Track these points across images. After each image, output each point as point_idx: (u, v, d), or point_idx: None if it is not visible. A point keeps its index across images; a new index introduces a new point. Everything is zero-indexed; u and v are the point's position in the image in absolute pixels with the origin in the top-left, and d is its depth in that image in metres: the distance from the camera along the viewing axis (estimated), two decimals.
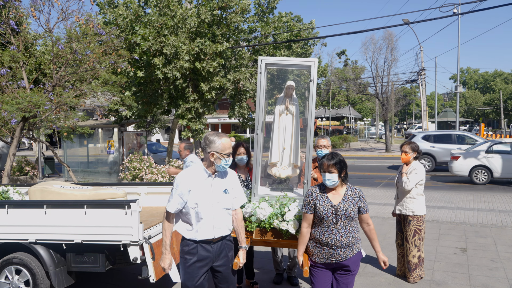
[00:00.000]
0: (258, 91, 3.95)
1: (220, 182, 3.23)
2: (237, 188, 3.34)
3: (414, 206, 5.02)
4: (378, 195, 11.46)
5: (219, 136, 3.13)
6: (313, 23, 14.64)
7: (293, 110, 4.15)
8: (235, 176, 3.36)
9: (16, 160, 14.97)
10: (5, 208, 4.26)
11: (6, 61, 8.29)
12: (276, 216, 3.74)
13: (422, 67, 27.06)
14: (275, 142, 4.18)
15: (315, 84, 3.83)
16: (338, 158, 3.24)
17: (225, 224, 3.24)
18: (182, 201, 3.13)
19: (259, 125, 3.88)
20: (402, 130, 50.45)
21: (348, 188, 3.32)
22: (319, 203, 3.27)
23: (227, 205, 3.24)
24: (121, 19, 11.68)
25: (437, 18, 11.32)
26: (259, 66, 3.87)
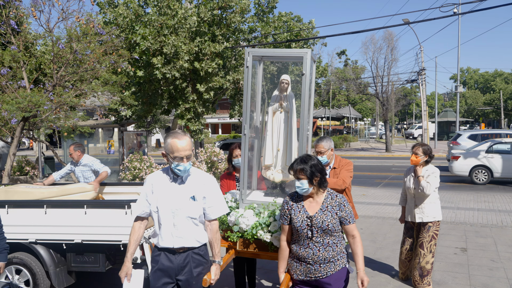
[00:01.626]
0: (245, 86, 3.63)
1: (187, 188, 2.90)
2: (213, 196, 2.95)
3: (435, 211, 4.72)
4: (378, 195, 11.46)
5: (172, 136, 2.81)
6: (312, 22, 14.65)
7: (287, 107, 3.75)
8: (211, 183, 2.97)
9: (16, 160, 14.96)
10: (5, 208, 4.26)
11: (7, 61, 8.29)
12: (260, 226, 3.40)
13: (422, 67, 27.05)
14: (268, 143, 3.83)
15: (310, 79, 3.48)
16: (310, 163, 2.85)
17: (190, 234, 2.89)
18: (147, 203, 2.92)
19: (246, 124, 3.56)
20: (402, 130, 50.42)
21: (328, 195, 2.93)
22: (294, 213, 2.92)
23: (193, 213, 2.88)
24: (121, 18, 11.68)
25: (437, 18, 11.32)
26: (245, 59, 3.53)
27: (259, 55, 3.73)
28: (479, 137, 17.81)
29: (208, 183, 2.97)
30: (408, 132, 46.20)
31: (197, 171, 3.01)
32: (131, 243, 2.93)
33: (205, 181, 2.96)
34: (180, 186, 2.90)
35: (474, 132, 18.73)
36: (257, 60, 3.87)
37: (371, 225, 8.00)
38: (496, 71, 75.02)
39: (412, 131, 45.44)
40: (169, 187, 2.90)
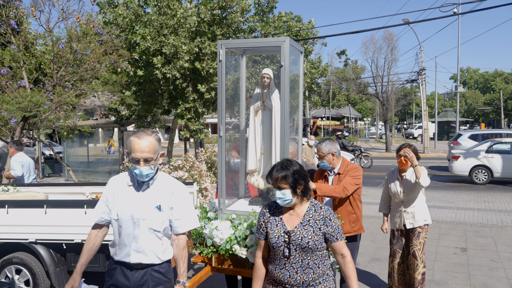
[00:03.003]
0: (219, 83, 3.23)
1: (152, 196, 2.55)
2: (181, 207, 2.59)
3: (425, 214, 4.36)
4: (378, 195, 11.45)
5: (134, 135, 2.49)
6: (312, 22, 14.64)
7: (271, 104, 3.34)
8: (181, 192, 2.62)
9: None
10: (5, 208, 4.26)
11: (7, 61, 8.29)
12: (236, 240, 3.03)
13: (422, 67, 27.05)
14: (251, 146, 3.44)
15: (298, 73, 3.10)
16: (292, 169, 2.42)
17: (150, 249, 2.53)
18: (108, 209, 2.59)
19: (222, 125, 3.20)
20: (402, 130, 50.44)
21: (311, 206, 2.48)
22: (271, 226, 2.49)
23: (157, 225, 2.52)
24: (121, 18, 11.68)
25: (437, 18, 11.34)
26: (218, 53, 3.15)
27: (234, 47, 3.38)
28: (480, 137, 17.83)
29: (177, 192, 2.60)
30: (408, 132, 46.21)
31: (166, 178, 2.65)
32: (84, 253, 2.58)
33: (174, 190, 2.60)
34: (144, 193, 2.55)
35: (475, 132, 18.78)
36: (240, 53, 3.55)
37: (371, 225, 8.00)
38: (496, 71, 75.01)
39: (412, 131, 45.45)
40: (132, 193, 2.56)
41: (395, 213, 4.46)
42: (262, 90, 3.40)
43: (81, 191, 5.62)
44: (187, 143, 15.99)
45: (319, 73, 16.45)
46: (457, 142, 18.24)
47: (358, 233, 3.94)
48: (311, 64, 15.92)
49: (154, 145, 2.49)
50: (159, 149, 2.54)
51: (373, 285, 5.05)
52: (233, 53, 3.63)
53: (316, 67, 16.23)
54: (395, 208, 4.47)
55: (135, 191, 2.56)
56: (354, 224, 3.87)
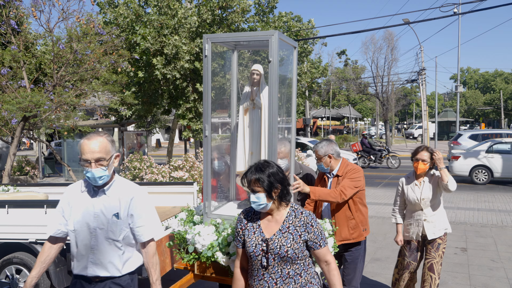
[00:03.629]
0: (204, 80, 3.02)
1: (110, 203, 2.39)
2: (142, 214, 2.44)
3: (446, 221, 4.03)
4: (379, 195, 11.46)
5: (84, 137, 2.36)
6: (312, 22, 14.65)
7: (260, 102, 3.18)
8: (141, 198, 2.47)
9: (17, 160, 14.97)
10: (5, 208, 4.26)
11: (7, 61, 8.30)
12: (219, 247, 2.86)
13: (422, 67, 27.05)
14: (239, 146, 3.26)
15: (291, 68, 2.89)
16: (268, 171, 2.26)
17: (108, 260, 2.38)
18: (64, 219, 2.44)
19: (208, 124, 3.03)
20: (403, 130, 50.44)
21: (291, 212, 2.31)
22: (248, 234, 2.33)
23: (115, 235, 2.37)
24: (122, 18, 11.69)
25: (438, 18, 11.35)
26: (204, 48, 2.96)
27: (220, 41, 3.18)
28: (480, 137, 17.83)
29: (136, 198, 2.44)
30: (408, 132, 46.22)
31: (124, 183, 2.50)
32: (36, 266, 2.44)
33: (134, 195, 2.44)
34: (100, 200, 2.40)
35: (475, 132, 18.80)
36: (230, 49, 3.38)
37: (371, 225, 7.98)
38: (496, 71, 75.00)
39: (412, 131, 45.46)
40: (87, 201, 2.40)
41: (412, 222, 4.01)
42: (252, 88, 3.20)
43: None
44: (187, 143, 16.00)
45: (319, 73, 16.46)
46: (457, 142, 18.25)
47: (358, 241, 3.60)
48: (311, 64, 15.91)
49: (105, 145, 2.35)
50: (112, 150, 2.38)
51: (373, 285, 5.05)
52: (228, 49, 3.46)
53: (316, 67, 16.23)
54: (412, 217, 4.02)
55: (90, 198, 2.40)
56: (353, 230, 3.56)
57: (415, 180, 4.01)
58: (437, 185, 3.89)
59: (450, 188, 3.73)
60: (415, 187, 3.99)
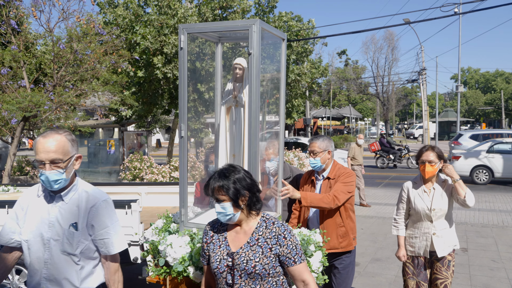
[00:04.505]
0: (180, 74, 2.73)
1: (67, 211, 2.09)
2: (105, 225, 2.15)
3: (455, 236, 3.47)
4: (379, 195, 11.45)
5: (41, 134, 2.09)
6: (312, 22, 14.64)
7: (244, 100, 2.94)
8: (103, 206, 2.17)
9: (17, 160, 14.97)
10: (5, 208, 4.26)
11: (7, 61, 8.30)
12: (191, 260, 2.53)
13: (423, 66, 27.06)
14: (221, 148, 3.00)
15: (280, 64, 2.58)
16: (233, 177, 2.00)
17: (63, 276, 2.08)
18: (18, 227, 2.14)
19: (184, 124, 2.75)
20: (403, 130, 50.45)
21: (262, 222, 2.05)
22: (213, 248, 2.08)
23: (72, 248, 2.07)
24: (121, 19, 11.69)
25: (438, 17, 11.35)
26: (180, 39, 2.68)
27: (197, 32, 2.87)
28: (481, 137, 17.82)
29: (99, 206, 2.14)
30: (408, 132, 46.21)
31: (87, 188, 2.20)
32: None
33: (96, 203, 2.14)
34: (57, 207, 2.10)
35: (476, 132, 18.80)
36: (214, 41, 3.12)
37: (371, 225, 7.99)
38: (497, 71, 74.98)
39: (413, 131, 45.46)
40: (43, 208, 2.11)
41: (418, 235, 3.42)
42: (234, 83, 2.91)
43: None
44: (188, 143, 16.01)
45: (320, 73, 16.44)
46: (458, 142, 18.23)
47: (346, 250, 3.30)
48: (312, 64, 15.91)
49: (63, 144, 2.04)
50: (73, 151, 2.08)
51: (373, 285, 5.04)
52: (212, 42, 3.21)
53: (317, 67, 16.22)
54: (418, 229, 3.43)
55: (46, 204, 2.11)
56: (342, 239, 3.27)
57: (423, 186, 3.40)
58: (450, 194, 3.33)
59: (469, 203, 3.18)
60: (423, 195, 3.38)
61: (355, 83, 32.59)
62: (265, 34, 2.78)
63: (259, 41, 2.48)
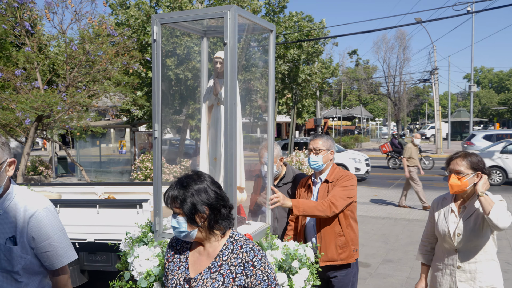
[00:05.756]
0: (154, 69, 2.48)
1: (2, 223, 1.84)
2: (47, 236, 1.87)
3: (494, 276, 2.53)
4: (391, 196, 11.36)
5: None
6: (323, 22, 14.61)
7: None
8: (45, 216, 1.88)
9: (30, 160, 15.19)
10: None
11: (21, 62, 8.43)
12: (157, 276, 2.23)
13: (435, 66, 26.78)
14: (202, 150, 2.72)
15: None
16: (192, 188, 1.66)
17: None
18: None
19: (158, 124, 2.50)
20: (415, 130, 50.02)
21: (229, 244, 1.71)
22: (172, 268, 1.78)
23: (11, 264, 1.82)
24: (133, 20, 11.80)
25: (450, 16, 11.20)
26: (152, 31, 2.43)
27: (170, 22, 2.57)
28: (494, 137, 17.59)
29: (39, 215, 1.86)
30: (420, 132, 45.78)
31: (24, 196, 1.92)
32: None
33: (35, 211, 1.86)
34: None
35: (489, 132, 18.57)
36: (200, 35, 2.91)
37: (383, 226, 7.94)
38: (511, 70, 73.92)
39: (424, 131, 45.03)
40: None
41: (442, 267, 2.65)
42: (216, 79, 2.67)
43: (93, 191, 5.69)
44: (197, 143, 16.06)
45: (330, 73, 16.40)
46: (471, 143, 18.02)
47: (347, 263, 2.93)
48: (322, 64, 15.86)
49: None
50: (3, 155, 1.81)
51: (385, 287, 5.01)
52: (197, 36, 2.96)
53: (327, 67, 16.17)
54: (442, 259, 2.66)
55: None
56: (342, 250, 2.90)
57: (452, 203, 2.65)
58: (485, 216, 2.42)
59: (497, 224, 2.33)
60: (450, 215, 2.62)
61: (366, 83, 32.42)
62: (255, 26, 2.64)
63: (235, 30, 2.23)
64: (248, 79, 12.56)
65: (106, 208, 4.12)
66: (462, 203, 2.63)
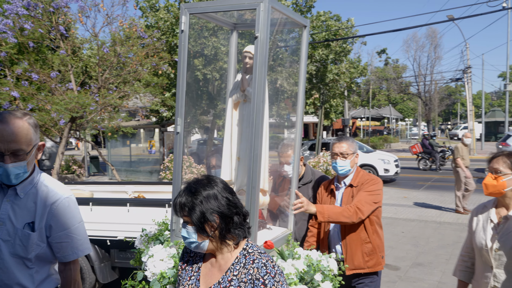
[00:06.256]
0: (179, 60, 2.36)
1: (22, 208, 1.77)
2: (64, 226, 1.83)
3: None
4: (421, 198, 11.10)
5: None
6: (352, 21, 14.44)
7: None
8: (64, 205, 1.84)
9: (64, 159, 15.70)
10: None
11: (56, 65, 8.74)
12: (172, 279, 2.12)
13: (468, 64, 25.99)
14: (225, 149, 2.57)
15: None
16: (202, 195, 1.51)
17: (15, 281, 1.76)
18: None
19: (181, 118, 2.37)
20: (446, 130, 48.68)
21: (242, 257, 1.54)
22: (184, 277, 1.66)
23: (25, 251, 1.76)
24: (162, 22, 12.01)
25: (485, 13, 10.84)
26: (180, 21, 2.32)
27: (199, 12, 2.45)
28: None
29: (60, 204, 1.82)
30: (452, 132, 44.52)
31: (45, 182, 1.86)
32: None
33: (57, 199, 1.81)
34: (11, 203, 1.77)
35: None
36: (230, 28, 2.78)
37: (413, 228, 7.76)
38: None
39: (457, 132, 43.75)
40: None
41: (481, 282, 2.28)
42: (244, 75, 2.52)
43: (124, 189, 5.82)
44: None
45: (359, 72, 16.19)
46: (506, 144, 17.34)
47: (374, 271, 2.82)
48: (351, 64, 15.68)
49: (26, 131, 1.71)
50: (36, 139, 1.75)
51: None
52: (227, 29, 2.86)
53: (356, 67, 15.97)
54: (478, 275, 2.33)
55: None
56: (369, 257, 2.78)
57: (493, 212, 2.25)
58: None
59: None
60: (488, 225, 2.23)
61: (396, 82, 31.81)
62: (286, 21, 2.50)
63: (267, 23, 2.10)
64: (275, 78, 12.55)
65: (136, 206, 4.21)
66: (503, 211, 2.22)
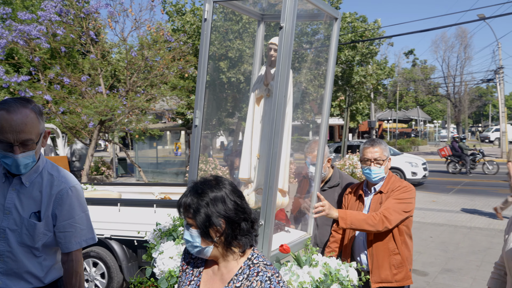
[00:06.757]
0: (201, 50, 2.28)
1: (29, 197, 1.76)
2: (70, 215, 1.80)
3: None
4: (450, 202, 10.81)
5: (3, 109, 1.65)
6: (378, 22, 14.24)
7: None
8: (71, 194, 1.82)
9: (94, 161, 16.11)
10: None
11: (86, 69, 9.01)
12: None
13: (500, 65, 25.18)
14: (245, 145, 2.46)
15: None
16: (208, 196, 1.38)
17: (24, 269, 1.76)
18: None
19: (199, 110, 2.27)
20: (477, 132, 47.27)
21: (246, 267, 1.41)
22: (183, 280, 1.54)
23: (32, 240, 1.76)
24: (189, 25, 12.18)
25: None
26: (204, 10, 2.24)
27: (225, 0, 2.36)
28: None
29: (66, 193, 1.80)
30: (483, 135, 43.20)
31: (52, 170, 1.85)
32: None
33: (62, 188, 1.80)
34: (18, 192, 1.76)
35: None
36: (257, 19, 2.66)
37: (441, 233, 7.57)
38: None
39: (488, 134, 42.42)
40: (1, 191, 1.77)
41: None
42: (268, 69, 2.38)
43: (150, 191, 5.92)
44: None
45: (385, 74, 15.94)
46: None
47: (402, 285, 2.57)
48: (377, 65, 15.46)
49: (34, 121, 1.68)
50: (42, 126, 1.73)
51: None
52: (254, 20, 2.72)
53: (382, 68, 15.74)
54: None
55: (2, 188, 1.77)
56: (397, 270, 2.54)
57: None
58: None
59: None
60: None
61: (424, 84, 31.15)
62: (315, 13, 2.40)
63: (294, 13, 1.95)
64: (300, 81, 12.52)
65: (162, 208, 4.28)
66: None
